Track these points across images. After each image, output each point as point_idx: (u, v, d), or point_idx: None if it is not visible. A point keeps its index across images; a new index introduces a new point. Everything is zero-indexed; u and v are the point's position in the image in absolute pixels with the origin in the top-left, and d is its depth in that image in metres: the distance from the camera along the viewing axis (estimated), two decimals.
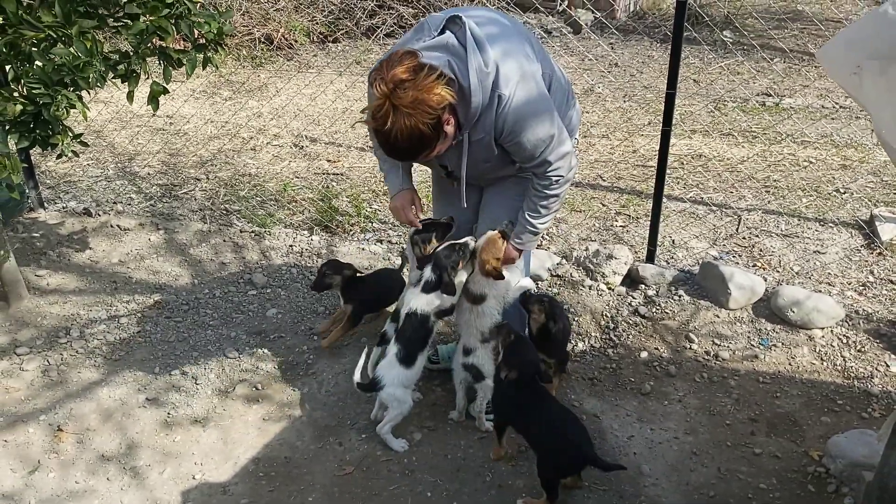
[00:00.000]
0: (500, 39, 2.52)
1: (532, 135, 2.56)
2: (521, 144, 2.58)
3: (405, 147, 2.43)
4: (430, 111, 2.36)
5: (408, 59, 2.37)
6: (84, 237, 4.55)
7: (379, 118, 2.38)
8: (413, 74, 2.34)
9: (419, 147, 2.45)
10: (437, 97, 2.36)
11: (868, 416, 3.17)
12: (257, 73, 7.37)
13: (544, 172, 2.67)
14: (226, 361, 3.60)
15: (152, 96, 3.55)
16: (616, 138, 5.79)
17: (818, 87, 6.69)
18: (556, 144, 2.62)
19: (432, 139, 2.45)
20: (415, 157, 2.55)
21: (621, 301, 3.90)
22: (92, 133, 5.79)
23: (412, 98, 2.33)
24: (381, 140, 2.45)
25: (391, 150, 2.47)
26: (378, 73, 2.38)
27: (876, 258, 4.16)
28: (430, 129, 2.40)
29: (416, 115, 2.35)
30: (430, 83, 2.35)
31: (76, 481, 2.99)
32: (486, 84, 2.45)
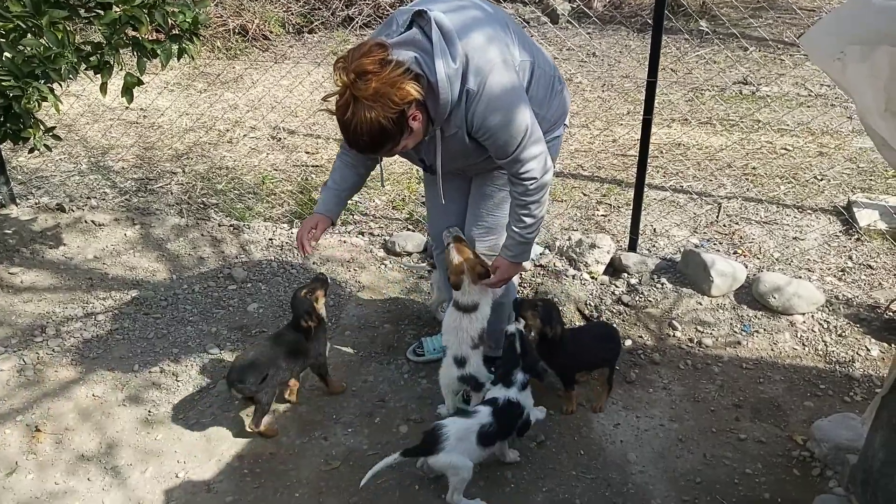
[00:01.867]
0: (475, 28, 2.44)
1: (503, 130, 2.47)
2: (492, 139, 2.51)
3: (366, 140, 2.37)
4: (392, 105, 2.29)
5: (376, 51, 2.30)
6: (58, 233, 4.45)
7: (340, 107, 2.32)
8: (379, 67, 2.27)
9: (380, 141, 2.38)
10: (401, 92, 2.29)
11: (850, 400, 3.20)
12: (232, 65, 7.27)
13: (517, 173, 2.58)
14: (207, 357, 3.54)
15: (126, 88, 3.48)
16: (596, 128, 5.80)
17: (794, 75, 6.75)
18: (529, 143, 2.51)
19: (395, 134, 2.38)
20: (377, 151, 2.47)
21: (604, 290, 3.90)
22: (64, 127, 5.67)
23: (374, 90, 2.26)
24: (343, 130, 2.39)
25: (352, 141, 2.40)
26: (343, 62, 2.31)
27: (854, 244, 4.20)
28: (391, 123, 2.33)
29: (377, 108, 2.28)
30: (395, 77, 2.28)
31: (55, 482, 2.93)
32: (455, 80, 2.37)
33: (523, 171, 2.55)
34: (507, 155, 2.54)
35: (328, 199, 2.93)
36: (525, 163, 2.54)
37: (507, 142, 2.50)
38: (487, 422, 2.71)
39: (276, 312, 3.84)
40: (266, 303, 3.91)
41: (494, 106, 2.43)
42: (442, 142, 2.57)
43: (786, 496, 2.77)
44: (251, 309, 3.86)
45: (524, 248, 2.79)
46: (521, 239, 2.74)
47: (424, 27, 2.37)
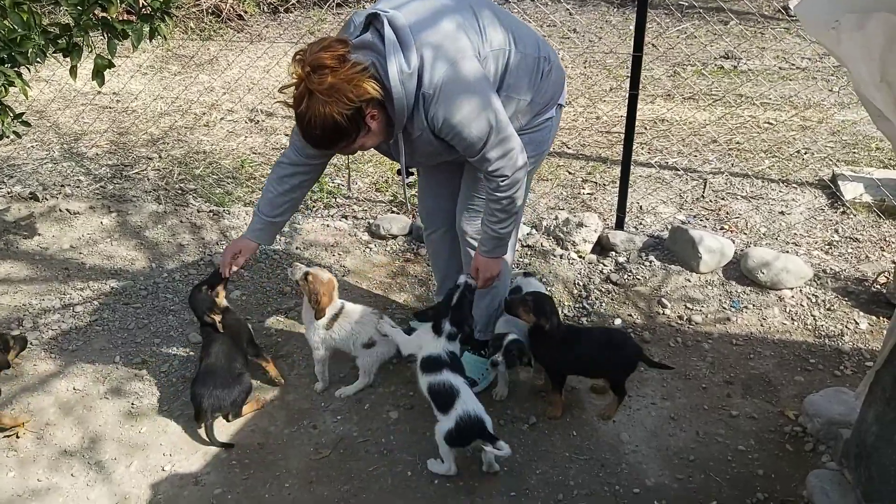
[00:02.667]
0: (434, 22, 2.34)
1: (466, 130, 2.39)
2: (456, 139, 2.44)
3: (319, 135, 2.33)
4: (347, 101, 2.25)
5: (336, 47, 2.25)
6: (31, 223, 4.32)
7: (295, 99, 2.29)
8: (337, 63, 2.23)
9: (334, 137, 2.35)
10: (358, 89, 2.25)
11: (840, 374, 3.20)
12: (206, 46, 7.10)
13: (487, 171, 2.52)
14: (190, 347, 3.46)
15: (97, 71, 3.35)
16: (579, 105, 5.74)
17: (776, 48, 6.73)
18: (495, 141, 2.43)
19: (349, 131, 2.34)
20: (331, 147, 2.43)
21: (592, 269, 3.87)
22: (34, 113, 5.50)
23: (329, 85, 2.21)
24: (298, 125, 2.36)
25: (305, 134, 2.36)
26: (301, 55, 2.26)
27: (840, 217, 4.20)
28: (346, 120, 2.29)
29: (331, 103, 2.24)
30: (352, 74, 2.24)
31: (38, 479, 2.85)
32: (410, 84, 2.30)
33: (492, 168, 2.50)
34: (474, 154, 2.48)
35: (255, 224, 2.91)
36: (493, 161, 2.48)
37: (471, 142, 2.43)
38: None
39: (260, 300, 3.76)
40: (249, 290, 3.83)
41: (454, 107, 2.36)
42: (409, 143, 2.52)
43: (779, 471, 2.77)
44: (234, 296, 3.78)
45: (498, 243, 2.75)
46: (495, 234, 2.71)
47: (380, 29, 2.31)
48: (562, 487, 2.74)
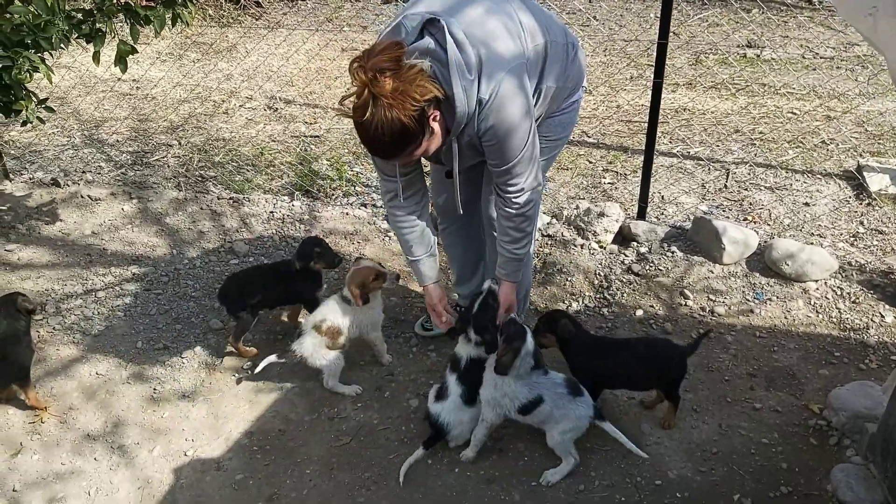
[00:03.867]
0: (485, 28, 2.32)
1: (506, 140, 2.40)
2: (494, 146, 2.44)
3: (388, 142, 2.24)
4: (413, 103, 2.19)
5: (393, 49, 2.19)
6: (54, 209, 4.35)
7: (358, 109, 2.20)
8: (396, 65, 2.17)
9: (403, 142, 2.27)
10: (420, 88, 2.19)
11: (866, 368, 3.16)
12: (225, 34, 7.10)
13: (508, 184, 2.53)
14: (211, 333, 3.48)
15: (119, 57, 3.36)
16: (599, 94, 5.68)
17: (799, 37, 6.62)
18: (528, 155, 2.47)
19: (416, 133, 2.27)
20: (399, 155, 2.34)
21: (614, 259, 3.84)
22: (56, 99, 5.53)
23: (393, 87, 2.15)
24: (363, 135, 2.26)
25: (374, 145, 2.28)
26: (358, 62, 2.19)
27: (865, 209, 4.13)
28: (413, 122, 2.22)
29: (397, 106, 2.17)
30: (412, 74, 2.18)
31: (62, 462, 2.88)
32: (471, 92, 2.29)
33: (514, 182, 2.52)
34: (505, 163, 2.49)
35: (423, 266, 2.87)
36: (518, 175, 2.51)
37: (509, 151, 2.45)
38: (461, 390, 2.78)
39: None
40: None
41: (504, 114, 2.36)
42: (459, 148, 2.50)
43: (803, 465, 2.74)
44: None
45: (517, 265, 2.78)
46: (513, 256, 2.73)
47: (437, 36, 2.27)
48: (583, 478, 2.73)
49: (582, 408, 2.69)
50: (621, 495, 2.67)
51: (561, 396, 2.68)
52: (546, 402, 2.67)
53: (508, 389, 2.66)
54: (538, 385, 2.67)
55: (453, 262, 3.39)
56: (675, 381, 2.87)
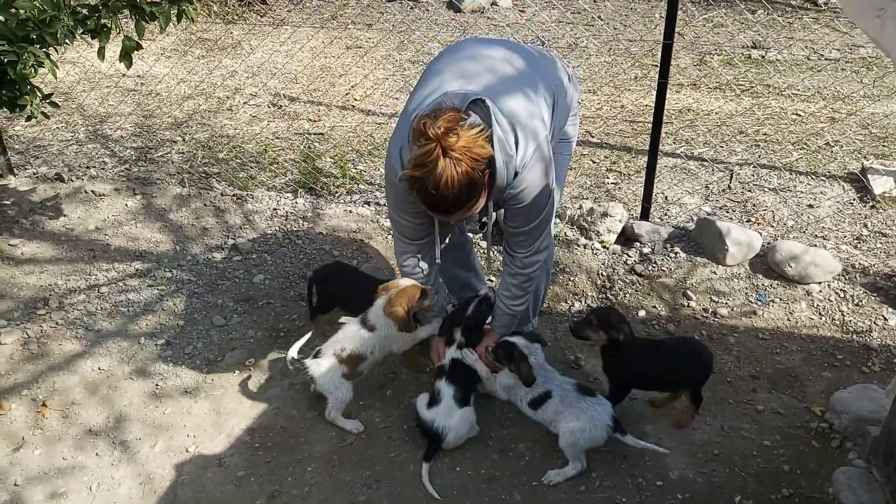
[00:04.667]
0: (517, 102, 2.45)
1: (536, 205, 2.56)
2: (520, 211, 2.58)
3: (455, 195, 2.28)
4: (477, 159, 2.28)
5: (455, 113, 2.28)
6: (57, 204, 4.36)
7: (429, 164, 2.23)
8: (458, 125, 2.26)
9: (469, 195, 2.32)
10: (483, 149, 2.29)
11: (868, 371, 3.16)
12: (230, 31, 7.10)
13: (522, 245, 2.67)
14: (213, 330, 3.48)
15: (125, 52, 3.36)
16: (603, 94, 5.68)
17: (804, 39, 6.61)
18: (547, 218, 2.63)
19: (480, 188, 2.34)
20: (461, 208, 2.36)
21: (617, 259, 3.84)
22: (60, 95, 5.54)
23: (462, 144, 2.23)
24: (430, 189, 2.27)
25: (437, 200, 2.31)
26: (426, 118, 2.25)
27: (869, 211, 4.13)
28: (479, 176, 2.30)
29: (465, 161, 2.25)
30: (475, 134, 2.28)
31: (63, 457, 2.89)
32: (511, 165, 2.40)
33: (528, 243, 2.67)
34: (523, 226, 2.62)
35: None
36: (534, 238, 2.65)
37: (528, 216, 2.59)
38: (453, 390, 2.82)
39: (283, 284, 3.77)
40: (272, 274, 3.84)
41: (530, 184, 2.50)
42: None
43: (805, 468, 2.74)
44: (257, 280, 3.79)
45: (511, 321, 2.90)
46: (510, 311, 2.86)
47: (480, 114, 2.36)
48: (584, 479, 2.73)
49: (595, 409, 2.68)
50: (622, 496, 2.67)
51: (568, 393, 2.72)
52: (554, 398, 2.72)
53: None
54: (548, 381, 2.75)
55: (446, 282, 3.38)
56: (703, 380, 2.86)
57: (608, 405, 2.71)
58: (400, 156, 2.47)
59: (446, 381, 2.83)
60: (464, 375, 2.85)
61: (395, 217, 2.71)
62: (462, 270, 3.32)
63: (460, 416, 2.79)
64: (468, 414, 2.82)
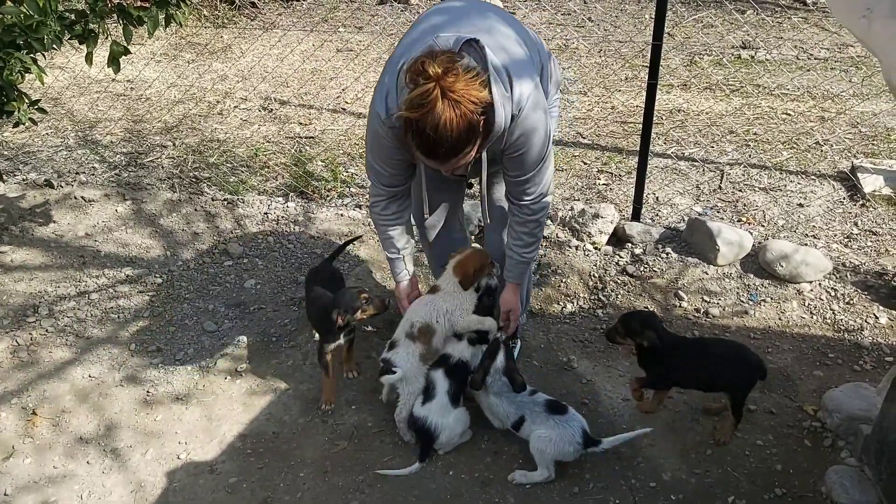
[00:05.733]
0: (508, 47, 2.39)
1: (535, 149, 2.48)
2: (524, 155, 2.49)
3: (452, 139, 2.19)
4: (475, 103, 2.19)
5: (452, 55, 2.19)
6: (47, 210, 4.33)
7: (426, 104, 2.13)
8: (456, 66, 2.17)
9: (466, 140, 2.23)
10: (481, 93, 2.20)
11: (860, 369, 3.16)
12: (220, 34, 7.08)
13: (527, 192, 2.60)
14: (204, 335, 3.47)
15: (112, 58, 3.34)
16: (594, 95, 5.68)
17: (794, 38, 6.64)
18: (546, 164, 2.56)
19: (478, 133, 2.26)
20: (458, 155, 2.28)
21: (608, 260, 3.84)
22: (50, 100, 5.51)
23: (461, 86, 2.14)
24: (421, 134, 2.19)
25: (434, 144, 2.21)
26: (423, 58, 2.16)
27: (859, 209, 4.14)
28: (476, 120, 2.22)
29: (463, 104, 2.15)
30: (472, 77, 2.18)
31: (54, 466, 2.87)
32: (508, 108, 2.33)
33: (532, 190, 2.60)
34: (525, 173, 2.55)
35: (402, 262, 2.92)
36: (537, 183, 2.59)
37: (529, 162, 2.52)
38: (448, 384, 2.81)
39: (275, 289, 3.76)
40: (263, 279, 3.82)
41: (529, 129, 2.43)
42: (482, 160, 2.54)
43: (797, 467, 2.74)
44: (248, 285, 3.78)
45: (524, 269, 2.87)
46: (522, 259, 2.81)
47: (473, 56, 2.27)
48: (578, 480, 2.72)
49: (563, 427, 2.67)
50: (616, 497, 2.66)
51: (538, 414, 2.73)
52: (527, 421, 2.75)
53: (499, 410, 2.79)
54: (522, 404, 2.76)
55: (433, 261, 3.35)
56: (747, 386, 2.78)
57: (578, 422, 2.69)
58: (385, 102, 2.38)
59: (444, 374, 2.81)
60: (464, 377, 2.83)
61: (373, 164, 2.63)
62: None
63: (455, 416, 2.79)
64: (462, 415, 2.82)
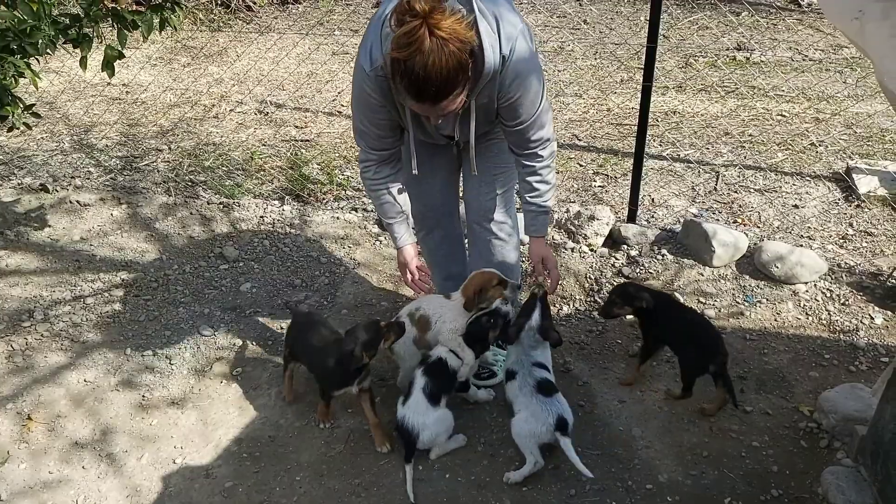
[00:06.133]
0: None
1: (527, 95, 2.45)
2: (516, 103, 2.47)
3: (441, 78, 2.14)
4: (463, 42, 2.15)
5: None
6: (42, 214, 4.32)
7: (414, 43, 2.08)
8: (442, 6, 2.13)
9: (455, 80, 2.18)
10: (467, 32, 2.16)
11: (855, 370, 3.17)
12: (216, 38, 7.08)
13: (530, 138, 2.58)
14: (200, 340, 3.46)
15: (107, 61, 3.34)
16: (590, 97, 5.69)
17: (788, 40, 6.65)
18: (544, 107, 2.55)
19: (466, 72, 2.22)
20: (445, 96, 2.21)
21: (604, 262, 3.84)
22: (44, 104, 5.50)
23: (449, 24, 2.11)
24: (410, 73, 2.13)
25: (423, 85, 2.15)
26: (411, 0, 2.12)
27: (854, 210, 4.15)
28: (466, 59, 2.18)
29: (451, 42, 2.11)
30: (458, 18, 2.15)
31: (49, 471, 2.86)
32: (496, 48, 2.30)
33: (537, 135, 2.58)
34: (526, 119, 2.52)
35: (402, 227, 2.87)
36: (540, 127, 2.57)
37: (528, 106, 2.49)
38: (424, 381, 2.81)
39: (270, 292, 3.75)
40: (259, 282, 3.82)
41: (523, 71, 2.40)
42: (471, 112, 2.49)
43: (794, 468, 2.75)
44: (244, 289, 3.77)
45: (544, 218, 2.82)
46: (540, 210, 2.77)
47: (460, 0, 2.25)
48: (574, 483, 2.72)
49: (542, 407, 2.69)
50: (612, 499, 2.66)
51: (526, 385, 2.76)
52: (516, 381, 2.80)
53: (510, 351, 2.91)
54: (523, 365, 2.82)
55: (437, 271, 3.32)
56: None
57: (560, 407, 2.70)
58: (370, 54, 2.36)
59: (421, 373, 2.81)
60: (441, 374, 2.82)
61: (359, 125, 2.61)
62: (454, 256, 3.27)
63: (436, 416, 2.77)
64: (444, 415, 2.80)
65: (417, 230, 3.18)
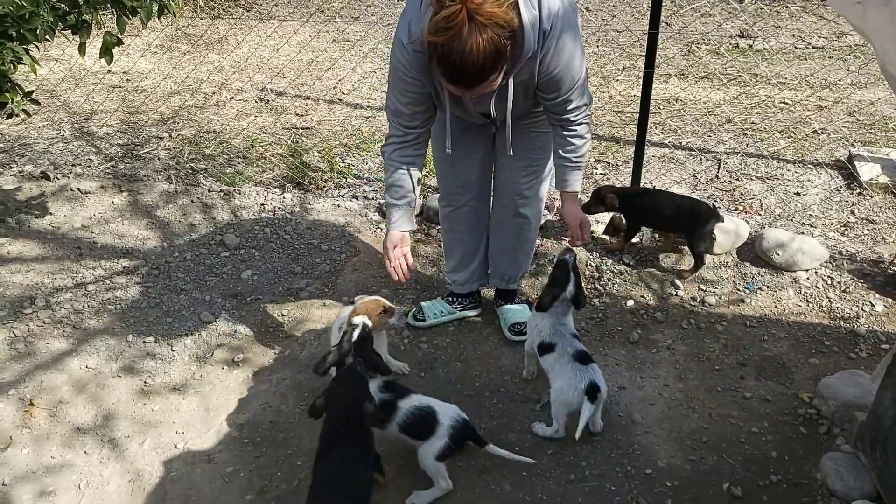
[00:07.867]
0: None
1: (568, 72, 2.44)
2: (563, 74, 2.46)
3: (478, 65, 2.15)
4: (503, 26, 2.15)
5: None
6: (43, 202, 4.33)
7: (452, 28, 2.09)
8: None
9: (492, 66, 2.19)
10: (508, 15, 2.16)
11: (856, 357, 3.17)
12: (216, 25, 7.06)
13: (570, 109, 2.58)
14: (202, 326, 3.47)
15: (105, 48, 3.33)
16: (592, 84, 5.66)
17: (791, 27, 6.62)
18: (584, 78, 2.55)
19: (505, 58, 2.22)
20: (485, 80, 2.24)
21: (606, 250, 3.84)
22: (45, 92, 5.49)
23: (489, 9, 2.11)
24: (453, 58, 2.14)
25: (459, 71, 2.18)
26: None
27: (856, 198, 4.14)
28: (504, 44, 2.18)
29: (490, 27, 2.12)
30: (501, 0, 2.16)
31: (52, 456, 2.87)
32: (536, 26, 2.29)
33: (576, 105, 2.58)
34: (565, 91, 2.52)
35: (400, 211, 2.76)
36: (579, 97, 2.57)
37: (567, 80, 2.49)
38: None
39: (272, 279, 3.76)
40: (260, 269, 3.82)
41: (566, 41, 2.38)
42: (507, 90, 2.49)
43: (793, 454, 2.76)
44: (245, 276, 3.78)
45: (579, 173, 2.79)
46: (575, 165, 2.75)
47: None
48: (573, 468, 2.73)
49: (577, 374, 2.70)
50: (611, 484, 2.67)
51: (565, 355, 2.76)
52: (554, 353, 2.80)
53: (544, 325, 2.85)
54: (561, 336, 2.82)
55: (455, 246, 3.32)
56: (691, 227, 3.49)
57: (593, 374, 2.70)
58: (409, 27, 2.36)
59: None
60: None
61: (393, 101, 2.58)
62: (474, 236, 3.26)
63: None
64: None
65: (444, 205, 3.19)
